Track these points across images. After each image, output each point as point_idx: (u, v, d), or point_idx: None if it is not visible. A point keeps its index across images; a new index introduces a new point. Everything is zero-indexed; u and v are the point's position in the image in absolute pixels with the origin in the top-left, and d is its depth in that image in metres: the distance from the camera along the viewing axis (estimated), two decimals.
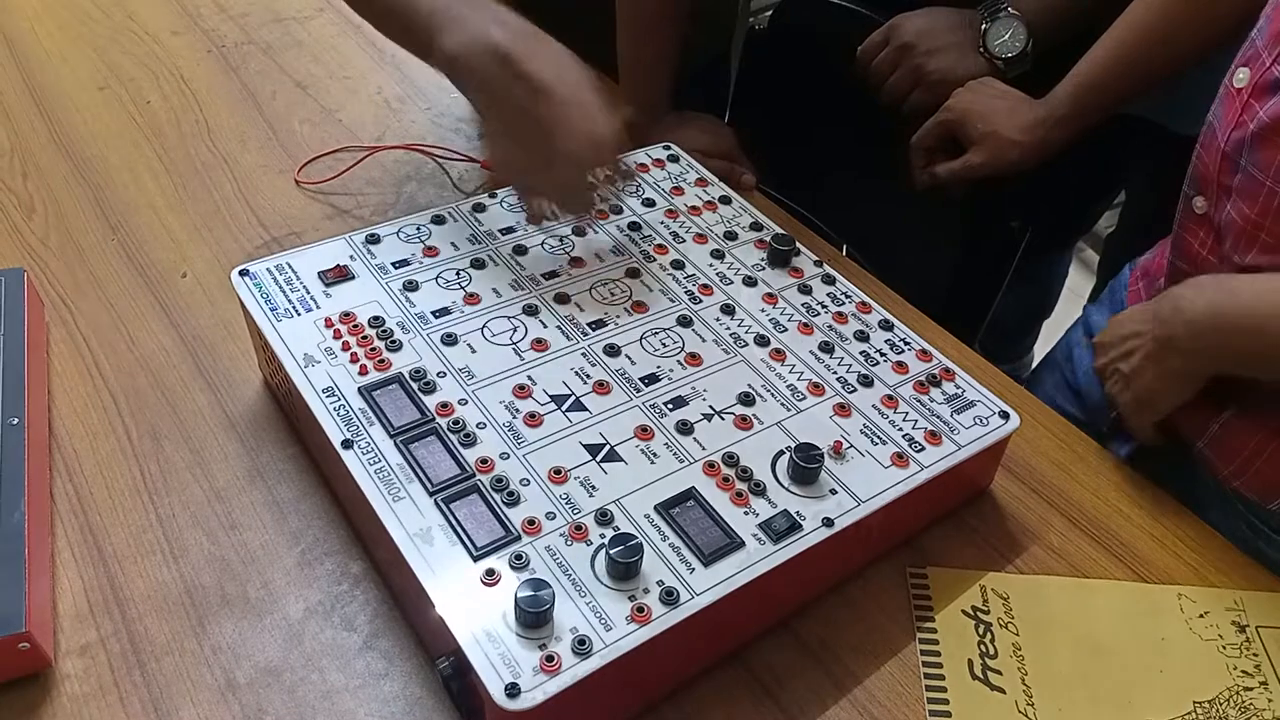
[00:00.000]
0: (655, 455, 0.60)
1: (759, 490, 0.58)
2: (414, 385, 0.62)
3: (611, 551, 0.52)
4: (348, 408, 0.61)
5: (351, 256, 0.72)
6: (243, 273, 0.69)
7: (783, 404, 0.64)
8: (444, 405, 0.61)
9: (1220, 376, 0.66)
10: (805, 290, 0.73)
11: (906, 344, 0.70)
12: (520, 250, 0.74)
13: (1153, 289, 0.79)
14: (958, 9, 0.96)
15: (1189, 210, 0.71)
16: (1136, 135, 0.98)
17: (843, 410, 0.64)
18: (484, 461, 0.58)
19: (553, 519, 0.56)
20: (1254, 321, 0.63)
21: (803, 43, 1.11)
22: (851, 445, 0.62)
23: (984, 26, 0.94)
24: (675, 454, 0.60)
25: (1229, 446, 0.70)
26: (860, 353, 0.68)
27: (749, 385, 0.65)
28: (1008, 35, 0.93)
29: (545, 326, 0.68)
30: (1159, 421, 0.70)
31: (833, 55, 1.02)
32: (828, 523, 0.57)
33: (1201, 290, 0.65)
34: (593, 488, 0.58)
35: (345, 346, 0.65)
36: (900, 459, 0.61)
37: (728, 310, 0.71)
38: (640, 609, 0.52)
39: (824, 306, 0.72)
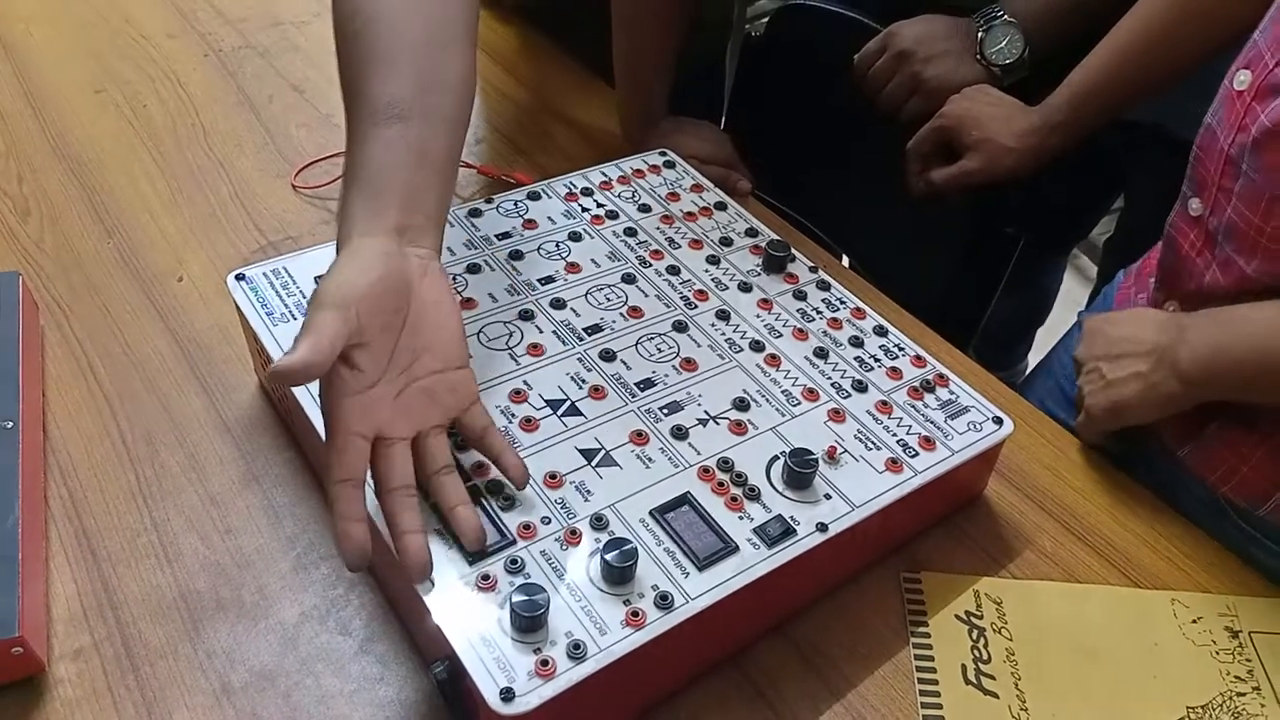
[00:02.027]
0: (650, 460, 0.60)
1: (753, 495, 0.59)
2: None
3: (606, 556, 0.52)
4: None
5: None
6: (239, 277, 0.69)
7: (777, 409, 0.64)
8: None
9: None
10: (800, 296, 0.73)
11: (901, 350, 0.70)
12: (516, 255, 0.74)
13: (1145, 289, 0.79)
14: (954, 17, 0.96)
15: (1184, 211, 0.71)
16: (1135, 141, 0.99)
17: (837, 416, 0.64)
18: (479, 466, 0.58)
19: (548, 524, 0.56)
20: (1259, 356, 0.63)
21: (799, 50, 1.12)
22: (846, 450, 0.62)
23: (980, 34, 0.94)
24: (670, 459, 0.60)
25: (1214, 454, 0.70)
26: (855, 358, 0.69)
27: (744, 390, 0.65)
28: (1004, 42, 0.93)
29: (541, 331, 0.68)
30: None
31: (829, 62, 1.02)
32: (822, 528, 0.57)
33: (1210, 322, 0.65)
34: (588, 492, 0.58)
35: None
36: (894, 464, 0.61)
37: (723, 316, 0.71)
38: (635, 613, 0.52)
39: (819, 312, 0.72)
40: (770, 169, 1.04)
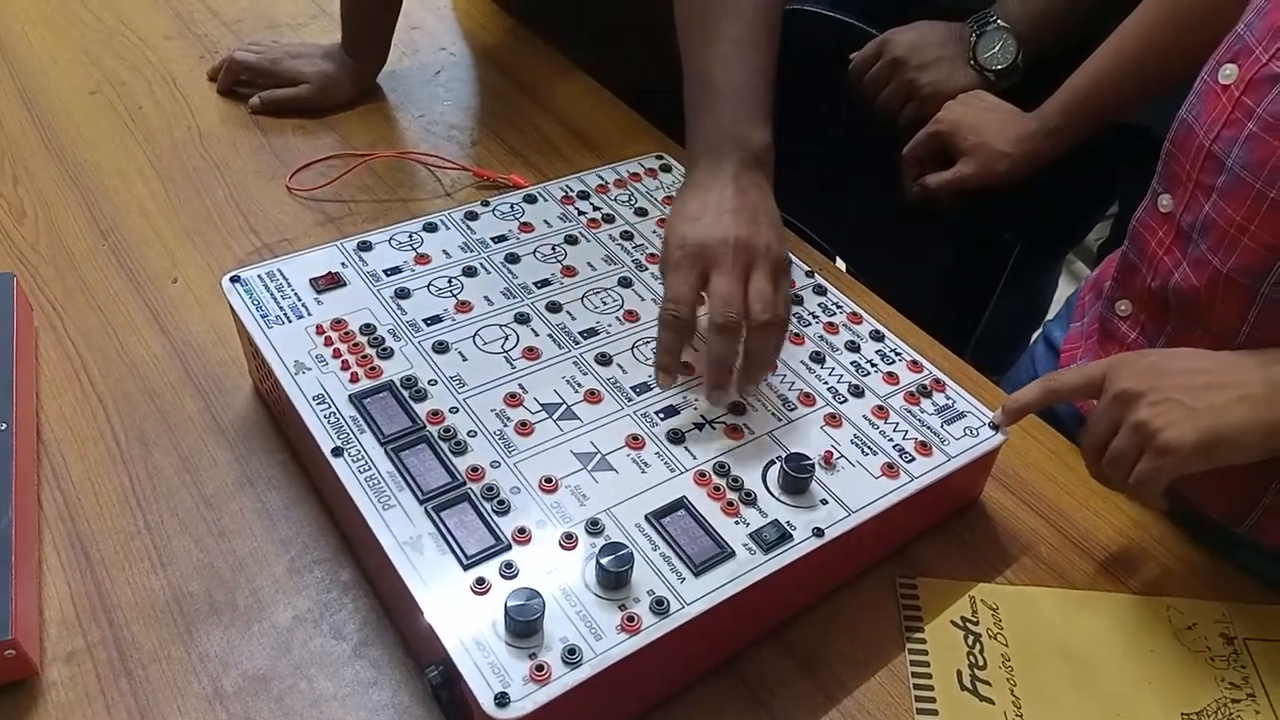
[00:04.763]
0: (646, 464, 0.60)
1: (750, 500, 0.59)
2: (405, 393, 0.62)
3: (602, 561, 0.52)
4: (338, 415, 0.61)
5: (343, 263, 0.72)
6: (234, 279, 0.69)
7: (774, 414, 0.64)
8: (435, 413, 0.61)
9: None
10: (796, 300, 0.73)
11: (897, 354, 0.70)
12: (512, 258, 0.74)
13: (1100, 300, 0.79)
14: (947, 23, 0.97)
15: (1152, 207, 0.70)
16: (1130, 145, 0.99)
17: (833, 420, 0.64)
18: (475, 470, 0.58)
19: (543, 528, 0.56)
20: None
21: (794, 54, 1.11)
22: (842, 455, 0.62)
23: (974, 39, 0.94)
24: (666, 463, 0.60)
25: (1193, 473, 0.70)
26: (851, 363, 0.69)
27: (740, 395, 0.65)
28: (998, 47, 0.94)
29: (537, 335, 0.68)
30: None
31: (824, 66, 1.02)
32: (818, 533, 0.57)
33: None
34: (584, 497, 0.58)
35: (336, 354, 0.65)
36: (890, 469, 0.61)
37: None
38: (630, 618, 0.52)
39: (815, 317, 0.72)
40: None
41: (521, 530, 0.55)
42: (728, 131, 0.69)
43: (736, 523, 0.57)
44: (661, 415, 0.63)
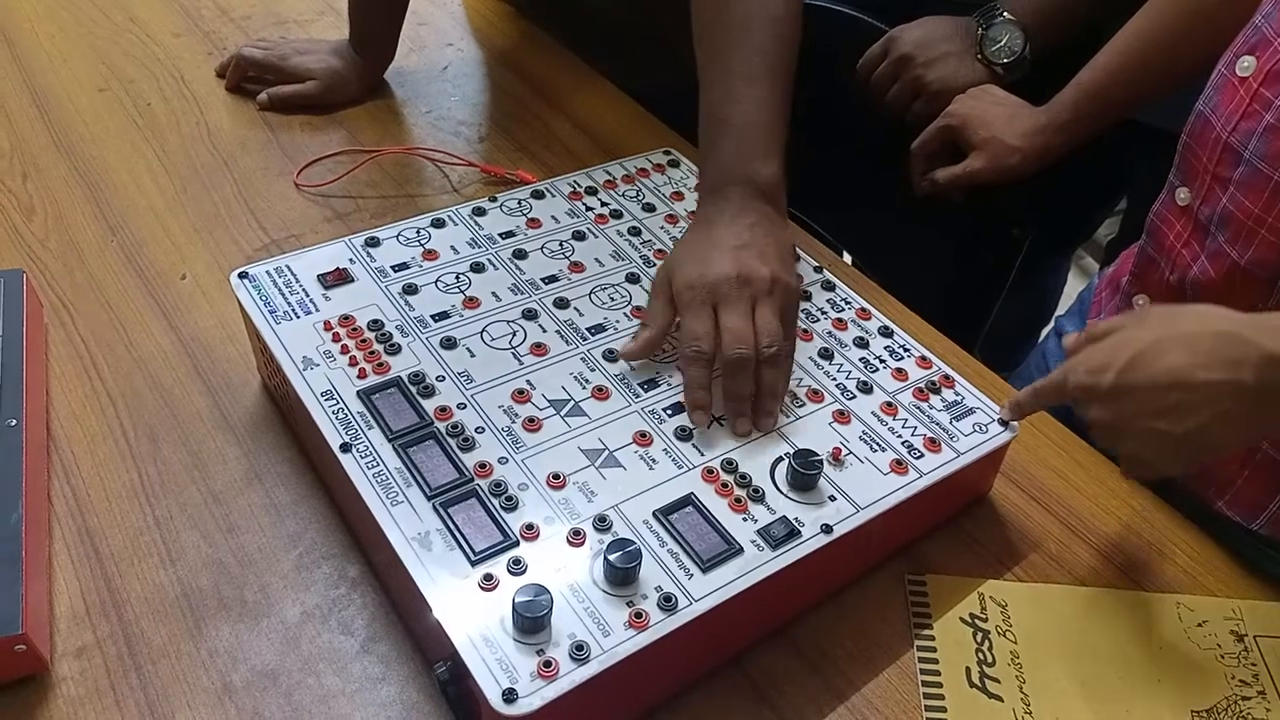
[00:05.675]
0: (654, 461, 0.60)
1: (758, 497, 0.58)
2: (413, 389, 0.62)
3: (610, 557, 0.52)
4: (346, 411, 0.61)
5: (351, 259, 0.72)
6: (242, 275, 0.69)
7: (782, 410, 0.64)
8: (443, 409, 0.61)
9: None
10: (805, 296, 0.73)
11: (906, 350, 0.69)
12: (520, 254, 0.74)
13: (1117, 295, 0.78)
14: (953, 18, 0.96)
15: (1170, 201, 0.70)
16: (1140, 141, 0.98)
17: (842, 417, 0.64)
18: (482, 466, 0.58)
19: (551, 524, 0.56)
20: None
21: (803, 50, 1.11)
22: (850, 452, 0.62)
23: (980, 33, 0.94)
24: (674, 460, 0.60)
25: (1209, 469, 0.69)
26: (860, 359, 0.68)
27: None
28: (1004, 40, 0.93)
29: (544, 331, 0.68)
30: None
31: (832, 61, 1.02)
32: (826, 529, 0.57)
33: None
34: (591, 493, 0.58)
35: (344, 350, 0.65)
36: (899, 466, 0.61)
37: None
38: (638, 615, 0.52)
39: (823, 313, 0.72)
40: None
41: (529, 526, 0.55)
42: (732, 167, 0.70)
43: (744, 519, 0.57)
44: (669, 412, 0.63)
